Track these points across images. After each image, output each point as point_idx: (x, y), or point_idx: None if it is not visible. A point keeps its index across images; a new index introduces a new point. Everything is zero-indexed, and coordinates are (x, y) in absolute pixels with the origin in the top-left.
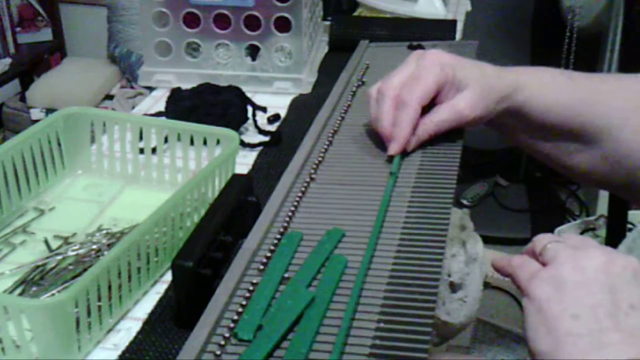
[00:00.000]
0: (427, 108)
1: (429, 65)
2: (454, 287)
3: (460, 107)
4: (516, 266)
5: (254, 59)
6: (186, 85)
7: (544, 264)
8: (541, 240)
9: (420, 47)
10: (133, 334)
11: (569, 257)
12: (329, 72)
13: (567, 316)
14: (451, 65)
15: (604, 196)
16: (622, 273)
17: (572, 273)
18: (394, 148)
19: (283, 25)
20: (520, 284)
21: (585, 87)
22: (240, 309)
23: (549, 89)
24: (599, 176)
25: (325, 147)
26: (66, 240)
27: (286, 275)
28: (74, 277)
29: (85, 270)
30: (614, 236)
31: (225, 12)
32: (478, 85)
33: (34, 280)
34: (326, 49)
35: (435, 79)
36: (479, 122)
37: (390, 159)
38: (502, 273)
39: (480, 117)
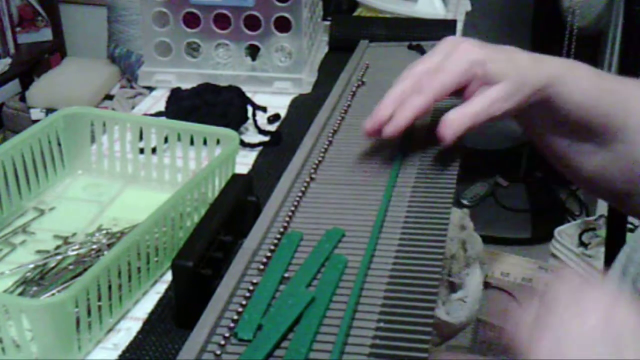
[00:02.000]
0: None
1: (457, 60)
2: (454, 287)
3: (496, 99)
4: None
5: (254, 59)
6: (186, 85)
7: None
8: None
9: (420, 47)
10: (133, 334)
11: (569, 305)
12: (329, 72)
13: None
14: (481, 63)
15: None
16: (624, 325)
17: (573, 326)
18: (388, 130)
19: (283, 25)
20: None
21: (612, 87)
22: (240, 309)
23: (581, 86)
24: (603, 181)
25: (325, 147)
26: (66, 240)
27: (286, 275)
28: (74, 277)
29: (85, 270)
30: (614, 236)
31: (225, 12)
32: (512, 80)
33: (34, 280)
34: (326, 49)
35: (459, 76)
36: (511, 114)
37: (388, 163)
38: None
39: (514, 109)
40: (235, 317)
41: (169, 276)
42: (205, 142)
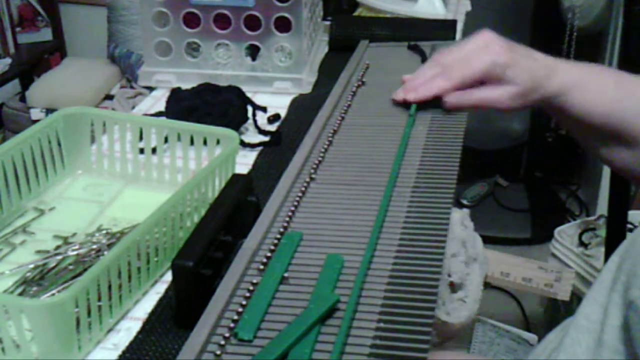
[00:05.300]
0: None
1: (484, 59)
2: (454, 287)
3: (501, 97)
4: None
5: (254, 59)
6: (186, 85)
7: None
8: None
9: (418, 47)
10: (133, 334)
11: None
12: (329, 72)
13: None
14: (502, 66)
15: (604, 196)
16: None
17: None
18: (411, 95)
19: (283, 25)
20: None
21: (630, 94)
22: (240, 309)
23: (592, 95)
24: (638, 175)
25: (325, 147)
26: (66, 240)
27: (286, 275)
28: (74, 277)
29: (85, 270)
30: (614, 236)
31: (225, 12)
32: (523, 86)
33: (34, 280)
34: (326, 49)
35: (480, 73)
36: (515, 111)
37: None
38: None
39: (517, 108)
40: (235, 317)
41: (169, 276)
42: (205, 142)
